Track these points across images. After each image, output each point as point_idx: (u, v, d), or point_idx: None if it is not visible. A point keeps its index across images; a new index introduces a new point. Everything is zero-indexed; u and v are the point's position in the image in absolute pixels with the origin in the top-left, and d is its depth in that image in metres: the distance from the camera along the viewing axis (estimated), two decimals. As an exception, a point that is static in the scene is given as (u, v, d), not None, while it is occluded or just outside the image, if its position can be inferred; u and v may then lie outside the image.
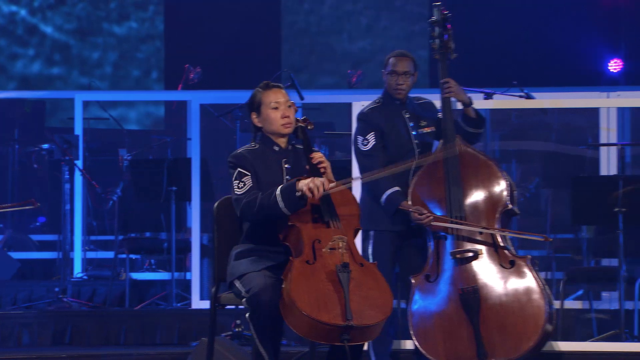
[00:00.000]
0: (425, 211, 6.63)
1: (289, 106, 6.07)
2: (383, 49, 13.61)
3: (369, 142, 6.88)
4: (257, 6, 13.88)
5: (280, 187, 5.85)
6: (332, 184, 5.86)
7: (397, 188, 6.73)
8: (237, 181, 5.96)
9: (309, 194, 5.78)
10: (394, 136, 6.88)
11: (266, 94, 6.08)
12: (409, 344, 6.96)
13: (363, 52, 13.98)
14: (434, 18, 6.90)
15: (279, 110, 6.06)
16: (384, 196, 6.74)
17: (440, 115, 6.88)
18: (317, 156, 6.02)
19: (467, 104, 6.84)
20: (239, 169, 5.99)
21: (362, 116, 6.95)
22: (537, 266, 6.66)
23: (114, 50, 14.18)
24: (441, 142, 6.79)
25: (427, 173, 6.75)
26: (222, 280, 6.13)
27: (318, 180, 5.81)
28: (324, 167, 6.00)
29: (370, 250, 6.87)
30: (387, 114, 6.92)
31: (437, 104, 6.94)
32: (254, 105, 6.10)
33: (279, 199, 5.82)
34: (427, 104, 7.00)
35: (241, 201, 5.92)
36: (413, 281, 6.67)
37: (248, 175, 5.97)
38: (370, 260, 6.76)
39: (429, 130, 6.90)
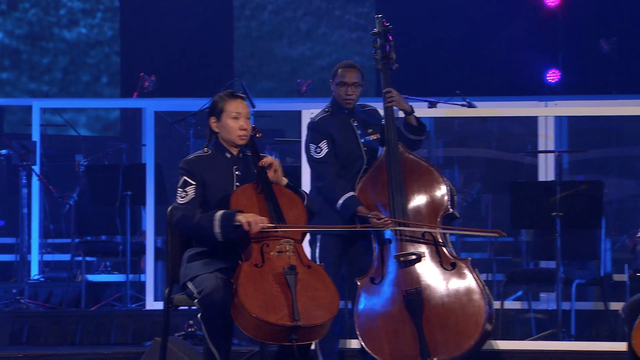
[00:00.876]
0: (383, 216, 6.65)
1: (248, 118, 6.08)
2: (321, 54, 13.67)
3: (321, 150, 6.89)
4: (210, 16, 13.85)
5: (220, 212, 5.84)
6: (270, 225, 5.84)
7: (352, 193, 6.74)
8: (181, 190, 5.95)
9: (246, 227, 5.78)
10: (344, 144, 6.88)
11: (229, 103, 6.07)
12: (355, 343, 6.96)
13: (302, 57, 14.00)
14: (375, 30, 6.91)
15: (239, 121, 6.05)
16: (340, 201, 6.74)
17: (384, 123, 6.90)
18: (267, 160, 6.02)
19: (409, 112, 6.86)
20: (186, 178, 5.97)
21: (313, 125, 6.95)
22: (477, 268, 6.69)
23: (64, 56, 14.10)
24: (384, 149, 6.80)
25: (370, 179, 6.75)
26: (175, 282, 6.11)
27: (259, 218, 5.81)
28: (275, 168, 5.99)
29: (317, 253, 6.87)
30: (336, 123, 6.92)
31: (381, 112, 6.96)
32: (215, 111, 6.09)
33: (216, 223, 5.82)
34: (372, 111, 7.01)
35: (179, 211, 5.91)
36: (359, 283, 6.68)
37: (193, 185, 5.95)
38: (318, 263, 6.77)
39: (375, 137, 6.91)
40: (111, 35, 14.00)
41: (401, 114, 6.90)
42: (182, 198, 5.94)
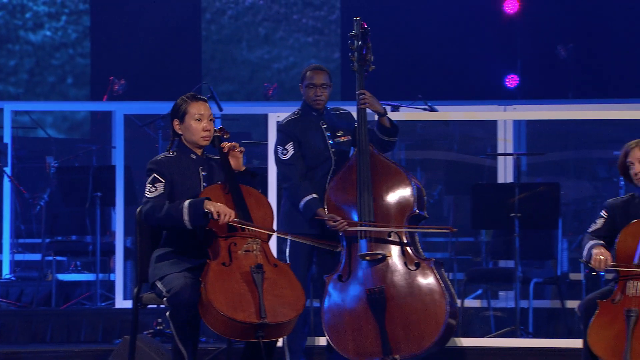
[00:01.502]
0: (338, 218, 6.65)
1: (211, 120, 6.07)
2: (278, 57, 13.67)
3: (288, 152, 6.90)
4: (178, 20, 13.82)
5: (188, 200, 5.84)
6: (236, 220, 5.84)
7: (314, 195, 6.75)
8: (150, 185, 5.95)
9: (215, 216, 5.78)
10: (311, 146, 6.89)
11: (192, 105, 6.06)
12: (322, 341, 6.97)
13: (261, 60, 14.00)
14: (353, 32, 6.90)
15: (202, 122, 6.05)
16: (302, 202, 6.75)
17: (355, 124, 6.90)
18: (227, 145, 6.01)
19: (382, 114, 6.85)
20: (155, 174, 5.97)
21: (281, 127, 6.96)
22: (443, 267, 6.70)
23: (30, 58, 14.04)
24: (356, 150, 6.80)
25: (341, 179, 6.76)
26: (144, 281, 6.10)
27: (229, 210, 5.81)
28: (235, 148, 5.99)
29: (287, 252, 6.88)
30: (304, 125, 6.93)
31: (355, 114, 6.94)
32: (178, 114, 6.08)
33: (185, 211, 5.82)
34: (345, 114, 7.01)
35: (148, 203, 5.90)
36: (327, 280, 6.69)
37: (162, 182, 5.95)
38: (288, 261, 6.78)
39: (345, 140, 6.91)
40: (75, 38, 13.95)
41: (375, 117, 6.89)
42: (150, 192, 5.93)
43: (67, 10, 13.91)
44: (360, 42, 6.87)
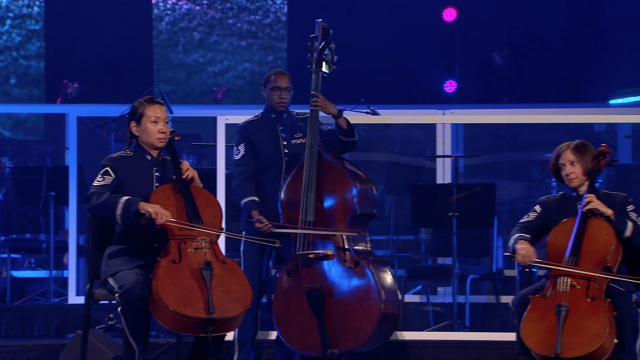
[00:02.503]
0: (264, 221, 6.63)
1: (166, 123, 6.06)
2: (212, 61, 13.65)
3: (239, 153, 6.91)
4: (130, 25, 13.74)
5: (127, 197, 5.83)
6: (172, 220, 5.82)
7: (253, 198, 6.75)
8: (100, 176, 5.96)
9: (154, 216, 5.77)
10: (264, 147, 6.88)
11: (149, 108, 6.05)
12: (273, 335, 6.96)
13: (196, 63, 13.97)
14: (314, 34, 6.84)
15: (158, 124, 6.04)
16: (242, 202, 6.79)
17: (322, 127, 6.86)
18: (185, 167, 6.02)
19: (337, 115, 6.80)
20: (107, 169, 5.97)
21: (237, 129, 6.98)
22: (389, 265, 6.69)
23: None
24: (306, 151, 6.76)
25: (293, 179, 6.74)
26: (96, 278, 6.07)
27: (165, 212, 5.80)
28: (191, 176, 6.00)
29: (241, 249, 6.87)
30: (260, 127, 6.91)
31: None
32: (135, 116, 6.06)
33: (119, 206, 5.81)
34: (308, 118, 6.97)
35: (92, 190, 5.91)
36: (277, 275, 6.69)
37: (111, 177, 5.94)
38: (242, 258, 6.78)
39: (302, 142, 6.85)
40: (19, 42, 13.84)
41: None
42: (98, 182, 5.95)
43: (12, 14, 13.80)
44: (321, 44, 6.81)
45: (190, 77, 13.82)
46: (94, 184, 5.93)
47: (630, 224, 6.09)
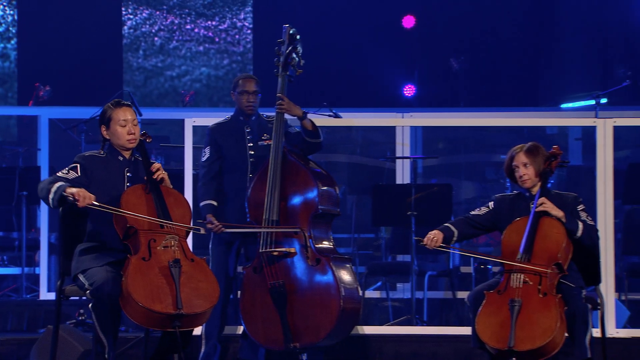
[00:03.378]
0: (215, 222, 6.62)
1: (135, 124, 6.04)
2: (171, 66, 13.64)
3: (205, 155, 6.92)
4: (100, 29, 13.69)
5: (60, 183, 5.81)
6: (96, 203, 5.80)
7: (209, 201, 6.75)
8: (67, 170, 5.94)
9: (76, 197, 5.73)
10: (230, 149, 6.88)
11: (116, 112, 6.03)
12: (239, 330, 6.96)
13: (155, 68, 13.94)
14: (281, 39, 6.82)
15: (126, 127, 6.03)
16: (201, 204, 6.82)
17: (290, 129, 6.87)
18: (155, 166, 6.01)
19: (302, 117, 6.78)
20: (77, 165, 5.95)
21: (206, 131, 7.00)
22: (350, 262, 6.70)
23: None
24: (271, 153, 6.74)
25: (259, 179, 6.73)
26: (67, 275, 6.04)
27: (88, 194, 5.77)
28: (161, 177, 5.99)
29: (210, 246, 6.87)
30: (227, 130, 6.91)
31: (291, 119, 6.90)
32: (105, 120, 6.05)
33: (53, 189, 5.79)
34: None
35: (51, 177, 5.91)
36: (244, 272, 6.69)
37: (77, 175, 5.91)
38: (210, 255, 6.78)
39: (269, 143, 6.82)
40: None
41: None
42: (61, 173, 5.93)
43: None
44: (288, 48, 6.78)
45: (148, 81, 13.80)
46: (57, 173, 5.93)
47: (580, 225, 6.14)
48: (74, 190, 5.76)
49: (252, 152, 6.88)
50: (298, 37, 6.81)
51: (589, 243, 6.17)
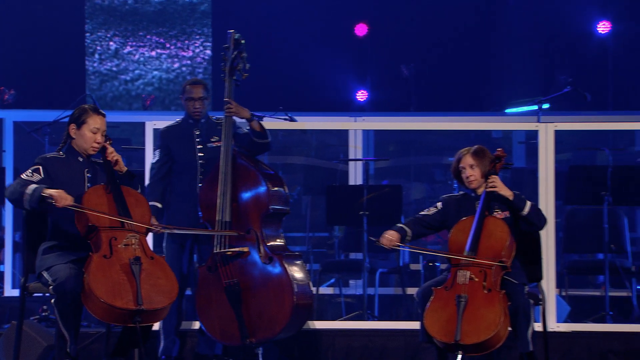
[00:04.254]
0: (156, 223, 6.56)
1: (103, 134, 6.01)
2: (125, 70, 13.59)
3: (155, 157, 6.90)
4: (63, 33, 13.58)
5: (36, 185, 5.77)
6: (74, 204, 5.77)
7: (152, 203, 6.71)
8: (30, 172, 5.88)
9: (56, 198, 5.69)
10: (180, 152, 6.86)
11: (93, 118, 5.99)
12: (197, 325, 6.95)
13: (110, 72, 13.88)
14: (227, 45, 6.81)
15: (96, 135, 6.00)
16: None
17: (239, 130, 6.86)
18: (110, 150, 5.96)
19: (250, 119, 6.79)
20: (40, 167, 5.90)
21: (158, 134, 6.97)
22: (301, 259, 6.71)
23: None
24: (221, 155, 6.75)
25: (210, 181, 6.73)
26: (31, 272, 6.01)
27: (66, 195, 5.74)
28: (116, 159, 5.94)
29: (163, 245, 6.84)
30: (177, 132, 6.90)
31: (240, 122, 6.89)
32: (78, 120, 6.00)
33: (28, 191, 5.75)
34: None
35: (16, 180, 5.85)
36: (199, 271, 6.68)
37: (40, 176, 5.87)
38: (164, 253, 6.76)
39: (218, 145, 6.82)
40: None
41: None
42: (26, 176, 5.87)
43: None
44: (233, 53, 6.76)
45: (103, 84, 13.72)
46: (22, 176, 5.87)
47: (528, 203, 6.20)
48: (53, 191, 5.73)
49: (202, 154, 6.86)
50: (243, 42, 6.80)
51: (537, 221, 6.21)
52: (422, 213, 6.42)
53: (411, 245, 6.26)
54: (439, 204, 6.42)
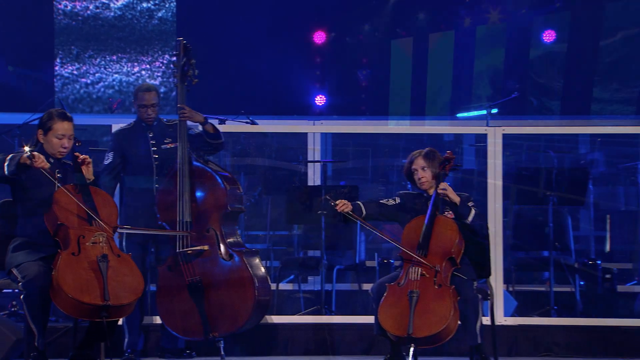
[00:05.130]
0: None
1: (70, 138, 6.00)
2: (86, 73, 13.56)
3: (108, 159, 6.87)
4: (32, 39, 13.50)
5: (13, 154, 5.76)
6: (49, 171, 5.77)
7: None
8: (5, 166, 5.82)
9: (36, 156, 5.68)
10: (135, 154, 6.83)
11: (58, 123, 5.99)
12: (158, 319, 6.95)
13: (71, 75, 13.83)
14: (176, 51, 6.78)
15: (62, 140, 5.99)
16: None
17: (190, 131, 6.84)
18: (80, 155, 5.97)
19: (203, 122, 6.80)
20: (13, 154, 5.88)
21: (111, 136, 6.93)
22: (258, 255, 6.74)
23: None
24: (179, 159, 6.74)
25: (168, 184, 6.72)
26: (1, 269, 5.99)
27: (43, 158, 5.72)
28: (88, 161, 5.94)
29: (124, 244, 6.83)
30: (131, 135, 6.86)
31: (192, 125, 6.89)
32: (44, 126, 6.00)
33: (8, 157, 5.74)
34: (176, 124, 6.89)
35: None
36: (159, 271, 6.68)
37: (22, 153, 5.82)
38: (125, 252, 6.75)
39: (171, 146, 6.82)
40: None
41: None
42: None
43: None
44: (183, 60, 6.72)
45: (65, 87, 13.67)
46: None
47: (473, 211, 6.26)
48: (34, 153, 5.67)
49: (156, 156, 6.84)
50: (190, 47, 6.77)
51: (478, 227, 6.27)
52: (382, 201, 6.44)
53: (363, 221, 6.26)
54: (397, 199, 6.44)
